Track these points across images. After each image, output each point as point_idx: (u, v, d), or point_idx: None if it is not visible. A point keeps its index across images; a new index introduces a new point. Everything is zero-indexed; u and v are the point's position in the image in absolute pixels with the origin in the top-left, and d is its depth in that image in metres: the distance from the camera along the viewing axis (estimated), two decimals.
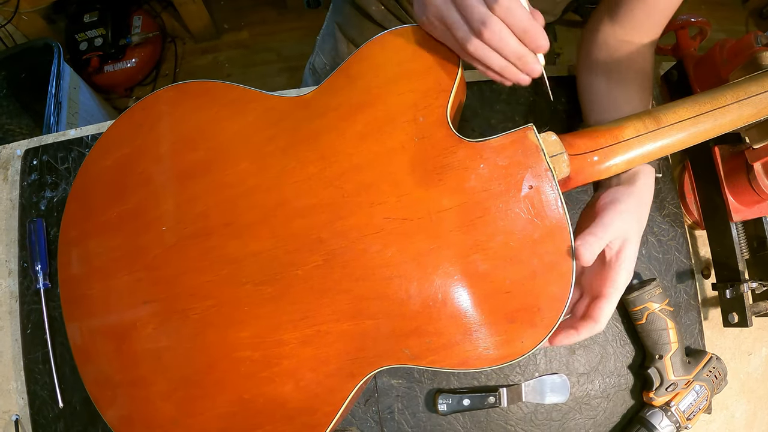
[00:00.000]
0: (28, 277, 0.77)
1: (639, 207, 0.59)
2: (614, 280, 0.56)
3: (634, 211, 0.58)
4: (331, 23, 1.01)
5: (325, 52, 1.03)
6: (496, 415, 0.74)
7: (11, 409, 0.76)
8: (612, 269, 0.56)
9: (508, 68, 0.53)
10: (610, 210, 0.56)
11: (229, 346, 0.58)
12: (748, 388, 0.81)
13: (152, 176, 0.63)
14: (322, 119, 0.59)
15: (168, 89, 0.66)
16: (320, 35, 1.06)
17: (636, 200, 0.58)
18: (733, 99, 0.57)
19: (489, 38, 0.50)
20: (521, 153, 0.54)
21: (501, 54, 0.51)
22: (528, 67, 0.53)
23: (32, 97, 1.62)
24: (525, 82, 0.54)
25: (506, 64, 0.52)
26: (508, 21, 0.49)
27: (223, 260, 0.59)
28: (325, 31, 1.04)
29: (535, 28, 0.50)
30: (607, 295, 0.56)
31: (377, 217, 0.56)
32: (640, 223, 0.58)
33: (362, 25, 0.94)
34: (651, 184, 0.61)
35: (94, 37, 2.04)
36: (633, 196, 0.58)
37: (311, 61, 1.09)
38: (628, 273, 0.56)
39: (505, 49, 0.51)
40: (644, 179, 0.60)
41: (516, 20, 0.49)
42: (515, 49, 0.51)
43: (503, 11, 0.48)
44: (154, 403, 0.60)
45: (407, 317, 0.54)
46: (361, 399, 0.74)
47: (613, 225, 0.55)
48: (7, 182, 0.83)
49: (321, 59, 1.04)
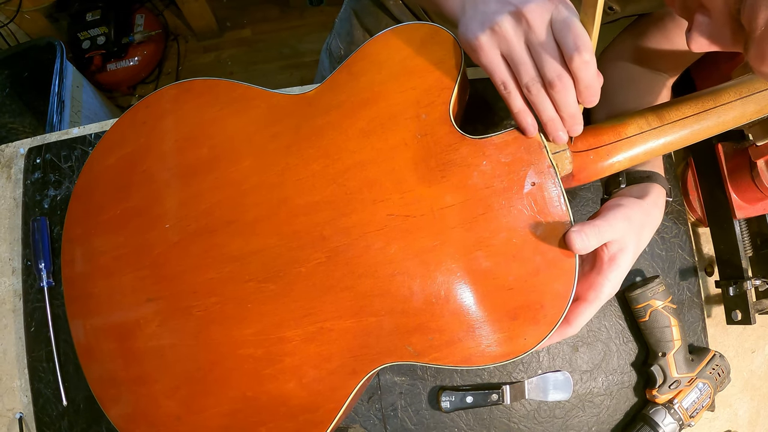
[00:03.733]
0: (31, 276, 0.77)
1: (643, 221, 0.56)
2: (600, 285, 0.54)
3: (638, 222, 0.56)
4: (348, 9, 1.01)
5: (341, 37, 1.03)
6: (499, 413, 0.74)
7: (15, 407, 0.76)
8: (600, 275, 0.54)
9: (554, 122, 0.51)
10: (616, 211, 0.55)
11: (233, 343, 0.58)
12: (751, 386, 0.81)
13: (155, 174, 0.64)
14: (325, 116, 0.59)
15: (171, 87, 0.66)
16: (338, 18, 1.06)
17: (642, 214, 0.56)
18: (736, 96, 0.57)
19: (555, 93, 0.49)
20: (524, 150, 0.54)
21: (556, 107, 0.50)
22: (574, 128, 0.52)
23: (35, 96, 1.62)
24: (560, 140, 0.53)
25: (556, 117, 0.51)
26: (579, 75, 0.48)
27: (227, 257, 0.59)
28: (343, 16, 1.03)
29: (597, 86, 0.49)
30: (588, 299, 0.54)
31: (380, 214, 0.56)
32: (640, 239, 0.56)
33: (378, 15, 0.94)
34: (661, 205, 0.60)
35: (96, 36, 2.05)
36: (640, 208, 0.56)
37: (328, 42, 1.08)
38: (615, 283, 0.54)
39: (564, 107, 0.50)
40: (654, 198, 0.59)
41: (586, 76, 0.48)
42: (573, 109, 0.50)
43: (580, 65, 0.47)
44: (157, 401, 0.60)
45: (410, 314, 0.54)
46: (364, 396, 0.74)
47: (616, 225, 0.53)
48: (10, 181, 0.83)
49: (337, 43, 1.04)
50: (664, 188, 0.61)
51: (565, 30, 0.47)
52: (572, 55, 0.46)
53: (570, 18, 0.47)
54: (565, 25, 0.47)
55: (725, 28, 0.46)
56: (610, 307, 0.77)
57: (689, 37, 0.49)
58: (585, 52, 0.46)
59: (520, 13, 0.48)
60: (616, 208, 0.55)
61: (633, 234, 0.55)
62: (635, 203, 0.56)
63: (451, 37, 0.57)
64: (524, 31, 0.48)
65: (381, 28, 0.59)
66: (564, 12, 0.47)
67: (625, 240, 0.54)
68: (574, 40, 0.46)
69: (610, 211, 0.55)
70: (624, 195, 0.60)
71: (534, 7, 0.47)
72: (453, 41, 0.57)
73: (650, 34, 0.70)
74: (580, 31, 0.46)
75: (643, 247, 0.57)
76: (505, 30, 0.49)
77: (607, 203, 0.58)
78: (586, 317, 0.54)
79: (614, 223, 0.53)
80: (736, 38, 0.46)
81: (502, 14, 0.48)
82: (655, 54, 0.71)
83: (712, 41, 0.48)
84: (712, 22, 0.47)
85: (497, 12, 0.49)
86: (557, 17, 0.47)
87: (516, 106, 0.52)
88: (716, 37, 0.47)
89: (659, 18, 0.69)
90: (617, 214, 0.54)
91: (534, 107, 0.51)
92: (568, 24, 0.47)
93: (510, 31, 0.48)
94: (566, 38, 0.47)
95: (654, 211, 0.58)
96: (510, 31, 0.48)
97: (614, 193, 0.62)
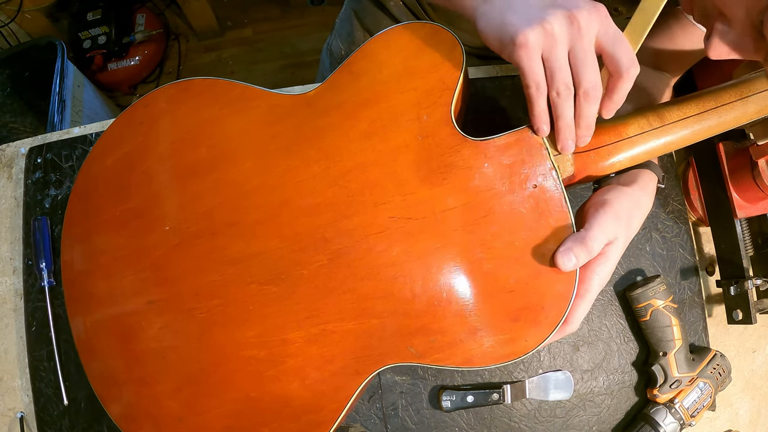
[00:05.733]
0: (32, 275, 0.77)
1: (631, 211, 0.56)
2: (589, 279, 0.53)
3: (625, 215, 0.55)
4: (348, 9, 1.00)
5: (342, 37, 1.02)
6: (500, 412, 0.74)
7: (16, 406, 0.76)
8: (588, 268, 0.53)
9: (570, 129, 0.51)
10: (603, 212, 0.53)
11: (235, 345, 0.58)
12: (752, 385, 0.81)
13: (155, 174, 0.63)
14: (325, 117, 0.59)
15: (169, 87, 0.65)
16: (338, 18, 1.05)
17: (631, 203, 0.56)
18: (738, 96, 0.57)
19: (586, 102, 0.49)
20: (525, 151, 0.54)
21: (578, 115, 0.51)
22: (585, 138, 0.52)
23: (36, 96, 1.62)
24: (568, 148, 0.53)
25: (573, 125, 0.51)
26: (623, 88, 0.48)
27: (228, 260, 0.59)
28: (343, 16, 1.03)
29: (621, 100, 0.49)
30: (580, 294, 0.53)
31: (382, 216, 0.56)
32: (630, 228, 0.55)
33: (379, 16, 0.93)
34: (651, 190, 0.59)
35: (97, 35, 2.04)
36: (628, 198, 0.56)
37: (329, 43, 1.08)
38: (604, 275, 0.54)
39: (585, 117, 0.50)
40: (643, 183, 0.59)
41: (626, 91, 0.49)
42: (591, 120, 0.51)
43: (627, 80, 0.48)
44: (159, 401, 0.60)
45: (412, 316, 0.54)
46: (365, 395, 0.74)
47: (605, 230, 0.52)
48: (11, 180, 0.83)
49: (337, 43, 1.04)
50: (656, 174, 0.61)
51: (619, 44, 0.47)
52: (628, 69, 0.47)
53: (621, 34, 0.48)
54: (619, 40, 0.47)
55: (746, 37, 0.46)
56: (611, 306, 0.77)
57: (708, 45, 0.49)
58: (636, 68, 0.47)
59: (573, 16, 0.47)
60: (602, 208, 0.54)
61: (622, 228, 0.54)
62: (621, 194, 0.56)
63: (453, 37, 0.57)
64: (573, 35, 0.47)
65: (381, 28, 0.59)
66: (614, 26, 0.47)
67: (613, 234, 0.53)
68: (629, 54, 0.47)
69: (597, 213, 0.53)
70: (612, 184, 0.59)
71: (587, 14, 0.47)
72: (454, 41, 0.57)
73: (654, 34, 0.70)
74: (631, 48, 0.47)
75: (633, 234, 0.57)
76: (557, 30, 0.47)
77: (592, 200, 0.57)
78: (582, 312, 0.54)
79: (603, 229, 0.52)
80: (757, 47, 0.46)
81: (555, 14, 0.47)
82: (659, 54, 0.71)
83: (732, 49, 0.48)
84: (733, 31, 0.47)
85: (547, 10, 0.48)
86: (609, 29, 0.48)
87: (540, 107, 0.51)
88: (736, 45, 0.48)
89: (663, 19, 0.69)
90: (605, 216, 0.53)
91: (555, 111, 0.51)
92: (621, 39, 0.47)
93: (560, 32, 0.47)
94: (619, 52, 0.47)
95: (643, 197, 0.58)
96: (560, 32, 0.47)
97: (604, 182, 0.62)
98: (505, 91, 0.83)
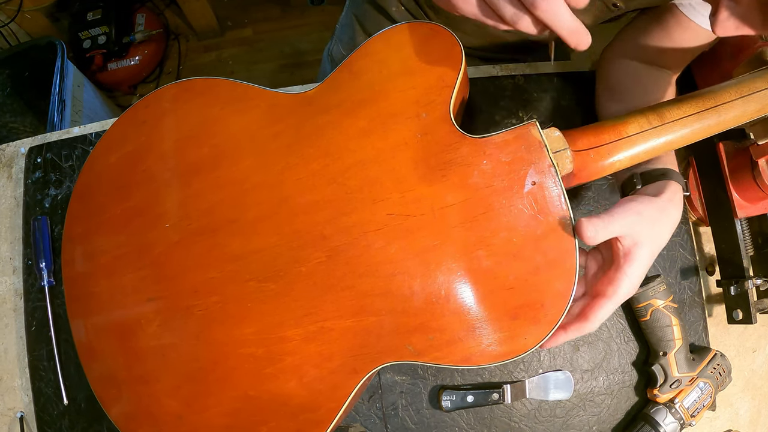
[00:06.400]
0: (32, 275, 0.77)
1: (656, 216, 0.55)
2: (618, 280, 0.53)
3: (651, 217, 0.55)
4: (349, 14, 1.00)
5: (343, 42, 1.02)
6: (500, 412, 0.74)
7: (16, 406, 0.76)
8: (619, 269, 0.54)
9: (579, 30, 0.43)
10: (626, 205, 0.54)
11: (234, 342, 0.58)
12: (752, 385, 0.81)
13: (156, 173, 0.63)
14: (325, 115, 0.59)
15: (171, 86, 0.66)
16: (339, 23, 1.05)
17: (655, 210, 0.56)
18: (738, 95, 0.57)
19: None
20: (524, 149, 0.54)
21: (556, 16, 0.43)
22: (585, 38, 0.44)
23: (36, 95, 1.62)
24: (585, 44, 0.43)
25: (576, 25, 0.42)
26: None
27: (228, 257, 0.59)
28: (344, 21, 1.02)
29: None
30: (607, 295, 0.53)
31: (380, 213, 0.56)
32: (653, 233, 0.55)
33: (380, 21, 0.93)
34: (678, 201, 0.59)
35: (97, 35, 2.04)
36: (653, 204, 0.56)
37: (329, 48, 1.08)
38: (634, 278, 0.54)
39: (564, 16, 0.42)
40: (670, 195, 0.58)
41: None
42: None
43: None
44: (159, 400, 0.60)
45: (410, 314, 0.54)
46: (365, 395, 0.74)
47: (626, 218, 0.53)
48: (11, 180, 0.83)
49: (338, 48, 1.03)
50: (680, 184, 0.61)
51: None
52: None
53: None
54: None
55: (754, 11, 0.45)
56: None
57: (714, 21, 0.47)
58: None
59: None
60: (626, 203, 0.55)
61: (645, 228, 0.54)
62: (648, 200, 0.56)
63: (452, 36, 0.57)
64: None
65: None
66: None
67: (638, 234, 0.54)
68: None
69: (620, 206, 0.55)
70: (639, 194, 0.60)
71: None
72: (454, 41, 0.57)
73: (651, 30, 0.70)
74: None
75: (663, 245, 0.56)
76: None
77: (620, 201, 0.58)
78: (606, 313, 0.54)
79: (624, 216, 0.53)
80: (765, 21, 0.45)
81: None
82: (657, 51, 0.71)
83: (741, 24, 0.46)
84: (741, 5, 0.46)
85: None
86: None
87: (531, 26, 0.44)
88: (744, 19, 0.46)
89: (659, 14, 0.69)
90: (627, 208, 0.54)
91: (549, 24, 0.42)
92: None
93: None
94: None
95: (670, 207, 0.58)
96: None
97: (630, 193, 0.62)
98: (504, 90, 0.83)
